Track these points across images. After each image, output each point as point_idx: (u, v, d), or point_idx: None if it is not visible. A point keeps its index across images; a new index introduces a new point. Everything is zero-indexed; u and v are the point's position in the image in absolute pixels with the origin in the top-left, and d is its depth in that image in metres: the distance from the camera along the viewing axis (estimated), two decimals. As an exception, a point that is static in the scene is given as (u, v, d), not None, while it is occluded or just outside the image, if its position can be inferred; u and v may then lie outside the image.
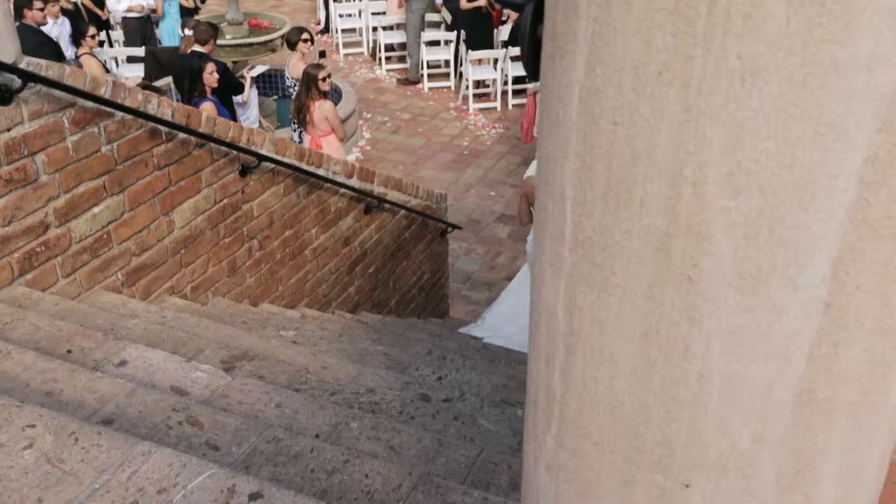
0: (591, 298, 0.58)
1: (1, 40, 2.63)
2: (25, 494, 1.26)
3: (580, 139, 0.55)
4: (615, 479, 0.61)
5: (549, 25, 0.57)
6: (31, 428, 1.40)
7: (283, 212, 4.25)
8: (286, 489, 1.30)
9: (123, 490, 1.28)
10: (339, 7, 12.35)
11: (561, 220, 0.59)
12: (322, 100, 6.70)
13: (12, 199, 2.77)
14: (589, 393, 0.60)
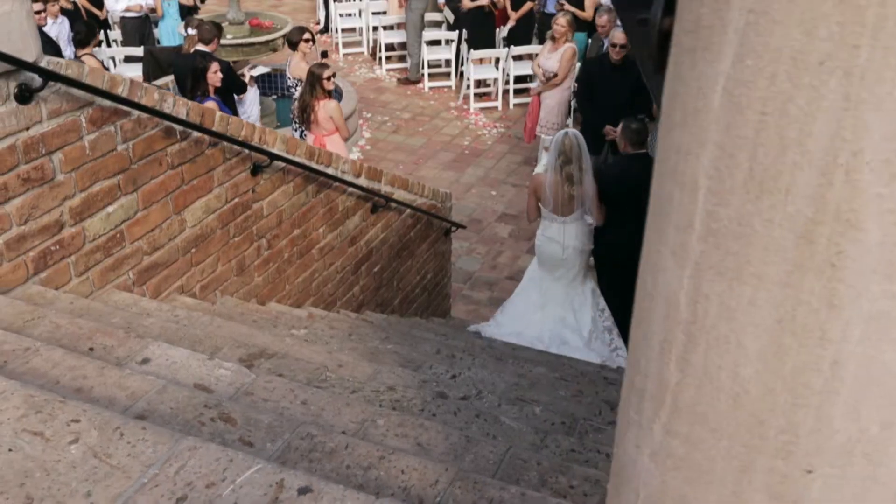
0: (720, 287, 0.59)
1: (23, 39, 2.63)
2: (74, 488, 1.27)
3: (721, 129, 0.56)
4: (731, 465, 0.62)
5: (689, 18, 0.59)
6: (76, 423, 1.40)
7: (291, 211, 4.25)
8: (335, 483, 1.31)
9: (172, 484, 1.29)
10: (340, 6, 12.35)
11: (690, 209, 0.60)
12: (327, 99, 6.71)
13: (29, 197, 2.77)
14: (710, 380, 0.62)
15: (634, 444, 0.74)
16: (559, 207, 5.26)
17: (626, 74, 7.57)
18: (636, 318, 0.75)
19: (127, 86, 3.08)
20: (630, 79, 7.58)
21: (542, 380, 3.65)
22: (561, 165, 5.16)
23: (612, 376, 4.47)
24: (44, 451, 1.34)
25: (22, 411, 1.42)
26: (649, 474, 0.72)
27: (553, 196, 5.22)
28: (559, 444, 2.27)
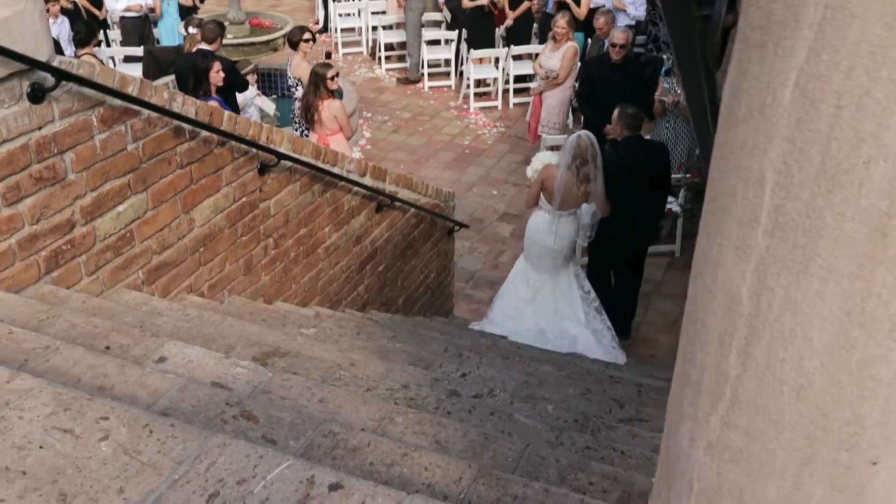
0: (786, 280, 0.60)
1: (36, 39, 2.63)
2: (107, 485, 1.27)
3: (792, 124, 0.57)
4: (793, 457, 0.63)
5: (758, 14, 0.59)
6: (105, 420, 1.41)
7: (298, 210, 4.26)
8: (364, 479, 1.32)
9: (203, 481, 1.29)
10: (339, 6, 12.34)
11: (756, 203, 0.61)
12: (330, 99, 6.71)
13: (41, 197, 2.77)
14: (772, 373, 0.63)
15: (689, 437, 0.75)
16: (564, 204, 5.44)
17: (627, 74, 7.59)
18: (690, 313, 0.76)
19: (137, 85, 3.08)
20: (630, 78, 7.60)
21: (549, 378, 3.66)
22: (579, 166, 5.31)
23: (618, 375, 4.48)
24: (74, 449, 1.34)
25: (51, 409, 1.42)
26: (705, 467, 0.73)
27: (562, 193, 5.38)
28: (574, 441, 2.28)
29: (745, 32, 0.62)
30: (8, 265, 2.70)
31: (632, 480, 1.88)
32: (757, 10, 0.60)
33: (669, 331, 6.56)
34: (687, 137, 7.41)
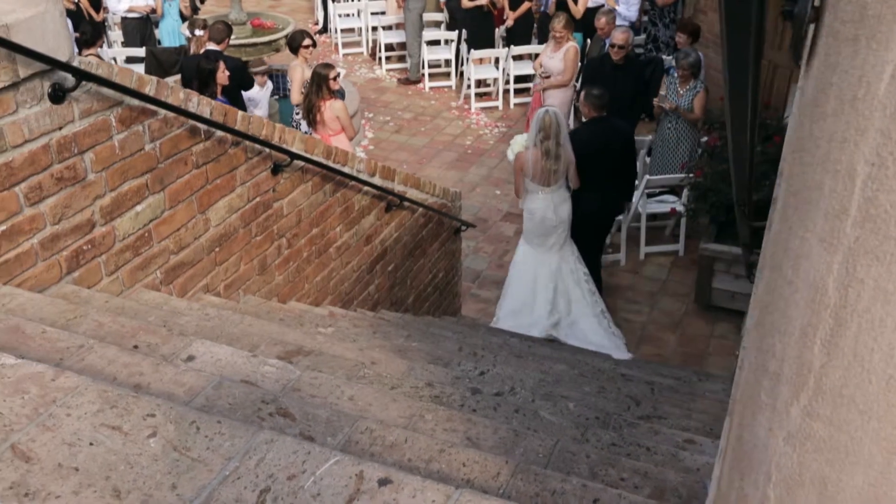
0: (877, 271, 0.61)
1: (57, 39, 2.64)
2: (159, 480, 1.28)
3: (887, 116, 0.58)
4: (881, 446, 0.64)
5: (849, 8, 0.61)
6: (152, 417, 1.42)
7: (310, 210, 4.27)
8: (412, 474, 1.33)
9: (254, 476, 1.30)
10: (338, 7, 12.35)
11: (845, 196, 0.62)
12: (332, 99, 6.72)
13: (62, 197, 2.78)
14: (860, 363, 0.64)
15: (766, 427, 0.76)
16: (541, 177, 5.83)
17: (628, 74, 7.61)
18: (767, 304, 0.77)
19: (154, 85, 3.09)
20: (631, 79, 7.62)
21: (564, 376, 3.68)
22: (541, 140, 5.73)
23: (629, 373, 4.50)
24: (124, 445, 1.35)
25: (97, 406, 1.44)
26: (785, 457, 0.74)
27: (534, 168, 5.80)
28: (599, 438, 2.29)
29: (834, 27, 0.63)
30: (31, 265, 2.71)
31: (663, 476, 1.90)
32: (849, 4, 0.61)
33: (674, 329, 6.59)
34: (689, 138, 7.43)
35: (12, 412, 1.41)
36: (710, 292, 6.55)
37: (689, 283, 7.08)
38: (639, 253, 7.50)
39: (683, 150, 7.47)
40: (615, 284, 7.20)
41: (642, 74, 7.82)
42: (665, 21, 10.12)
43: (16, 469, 1.28)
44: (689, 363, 6.08)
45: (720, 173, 6.45)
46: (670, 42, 10.20)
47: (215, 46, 7.51)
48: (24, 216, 2.65)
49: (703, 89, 7.34)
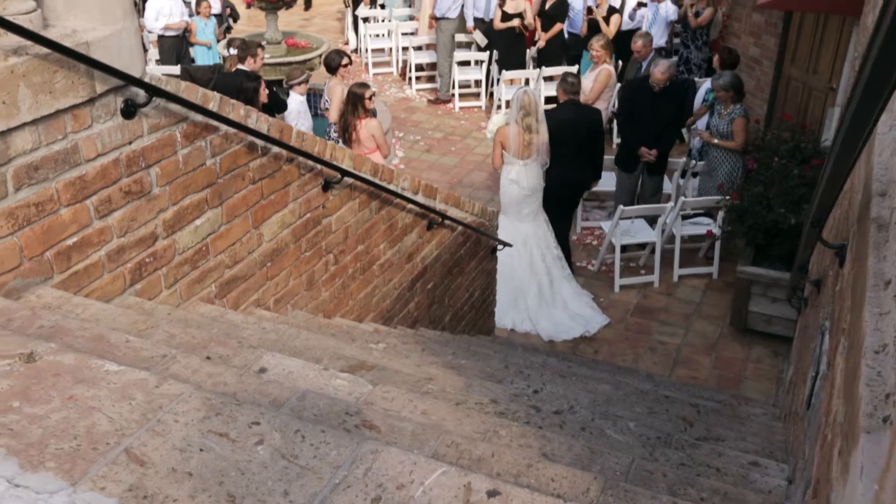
0: None
1: (131, 56, 2.69)
2: (271, 487, 1.30)
3: None
4: None
5: None
6: (257, 425, 1.44)
7: (357, 227, 4.30)
8: (520, 487, 1.34)
9: (363, 485, 1.32)
10: (369, 27, 12.47)
11: None
12: (368, 118, 6.79)
13: (129, 210, 2.83)
14: None
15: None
16: (519, 151, 6.61)
17: (666, 99, 7.60)
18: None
19: (217, 101, 3.14)
20: (669, 103, 7.61)
21: (612, 397, 3.67)
22: (522, 117, 6.50)
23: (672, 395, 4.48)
24: (233, 452, 1.37)
25: (203, 413, 1.46)
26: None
27: (514, 141, 6.58)
28: (668, 457, 2.29)
29: None
30: (97, 276, 2.75)
31: (743, 497, 1.90)
32: None
33: (709, 352, 6.56)
34: (727, 160, 7.43)
35: (122, 417, 1.43)
36: (746, 316, 6.51)
37: (724, 305, 7.05)
38: (672, 275, 7.48)
39: (722, 173, 7.46)
40: (648, 306, 7.19)
41: (680, 99, 7.81)
42: (697, 44, 10.15)
43: (132, 472, 1.30)
44: (724, 387, 6.04)
45: (757, 196, 6.44)
46: (702, 65, 10.23)
47: (243, 66, 7.60)
48: (93, 228, 2.69)
49: (742, 115, 7.32)
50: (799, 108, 8.88)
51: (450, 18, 11.26)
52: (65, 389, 1.50)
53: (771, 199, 6.35)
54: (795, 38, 9.04)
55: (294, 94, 7.77)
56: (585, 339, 6.70)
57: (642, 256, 7.76)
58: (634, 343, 6.66)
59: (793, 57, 9.14)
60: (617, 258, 7.34)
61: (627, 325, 6.92)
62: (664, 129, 7.48)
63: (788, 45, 9.16)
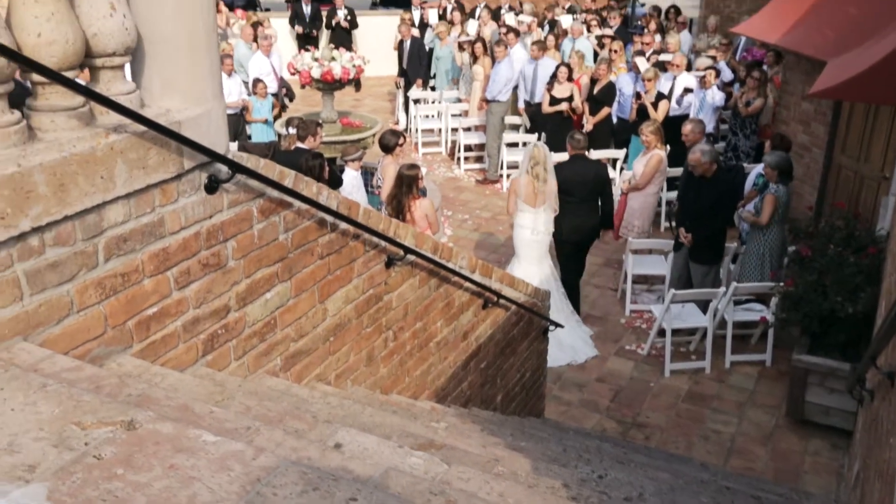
0: None
1: (217, 134, 2.81)
2: (374, 568, 1.30)
3: None
4: None
5: None
6: (354, 501, 1.44)
7: (416, 304, 4.34)
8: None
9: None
10: (420, 108, 12.78)
11: None
12: (421, 198, 6.91)
13: (205, 282, 2.90)
14: None
15: None
16: (530, 199, 7.36)
17: (708, 185, 7.58)
18: None
19: (292, 178, 3.24)
20: (711, 190, 7.58)
21: (674, 485, 3.59)
22: (532, 167, 7.29)
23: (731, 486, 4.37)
24: (333, 529, 1.38)
25: (301, 487, 1.47)
26: None
27: (525, 190, 7.35)
28: (748, 551, 2.23)
29: None
30: (173, 346, 2.80)
31: None
32: None
33: (765, 443, 6.38)
34: (754, 237, 7.42)
35: (222, 488, 1.45)
36: (803, 406, 6.36)
37: (779, 394, 6.90)
38: (724, 361, 7.36)
39: (775, 259, 7.43)
40: (700, 392, 7.06)
41: (727, 185, 7.80)
42: (746, 132, 10.22)
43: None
44: (782, 479, 5.86)
45: (812, 283, 6.37)
46: (751, 152, 10.27)
47: (301, 144, 7.82)
48: (172, 299, 2.76)
49: (772, 194, 7.33)
50: (850, 195, 8.83)
51: (500, 101, 11.51)
52: (165, 458, 1.52)
53: (827, 286, 6.27)
54: (846, 127, 9.07)
55: (349, 169, 7.95)
56: (637, 425, 6.58)
57: (693, 341, 7.66)
58: (687, 431, 6.52)
59: (843, 145, 9.15)
60: (667, 342, 7.26)
61: (679, 412, 6.79)
62: (704, 213, 7.49)
63: (838, 134, 9.18)
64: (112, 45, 2.40)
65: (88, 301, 2.42)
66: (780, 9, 10.15)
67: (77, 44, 2.26)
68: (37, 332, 2.25)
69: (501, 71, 11.52)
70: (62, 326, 2.33)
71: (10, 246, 2.11)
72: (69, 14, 2.25)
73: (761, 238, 7.49)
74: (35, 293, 2.22)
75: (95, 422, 1.58)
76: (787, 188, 7.51)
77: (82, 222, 2.34)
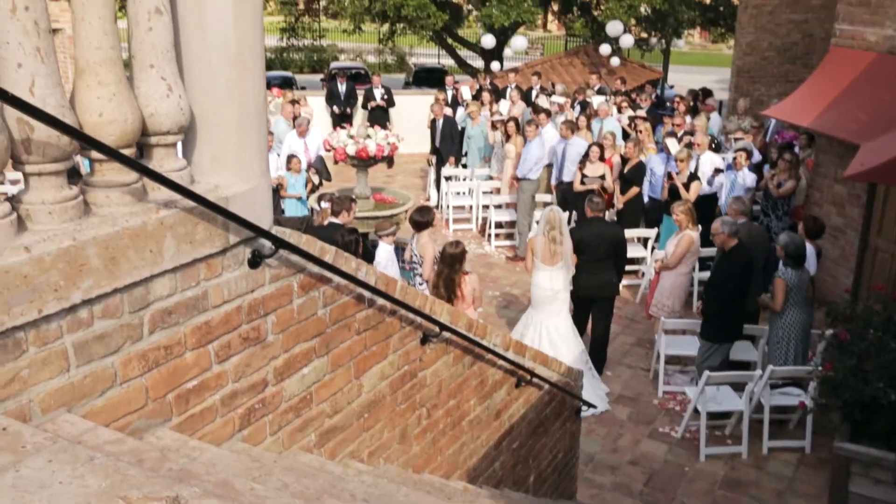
0: None
1: (262, 210, 2.86)
2: None
3: None
4: None
5: None
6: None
7: (450, 381, 4.31)
8: None
9: None
10: (452, 185, 12.94)
11: None
12: (468, 274, 6.95)
13: (244, 356, 2.90)
14: None
15: None
16: (546, 258, 7.91)
17: (726, 260, 7.51)
18: None
19: (332, 254, 3.27)
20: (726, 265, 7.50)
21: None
22: (548, 230, 7.88)
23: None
24: None
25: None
26: None
27: (542, 250, 7.93)
28: None
29: None
30: (211, 420, 2.79)
31: None
32: None
33: (806, 533, 6.16)
34: (801, 330, 7.31)
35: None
36: (846, 497, 6.14)
37: (819, 483, 6.68)
38: (762, 447, 7.17)
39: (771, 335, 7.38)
40: (737, 479, 6.86)
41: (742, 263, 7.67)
42: (778, 213, 10.19)
43: None
44: (826, 573, 5.63)
45: (851, 368, 6.23)
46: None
47: (336, 219, 7.92)
48: (212, 373, 2.76)
49: (780, 277, 7.27)
50: (888, 278, 8.72)
51: (531, 179, 11.62)
52: (211, 536, 1.50)
53: (867, 372, 6.13)
54: (881, 209, 9.02)
55: (383, 244, 8.02)
56: (672, 511, 6.39)
57: (728, 425, 7.49)
58: (724, 518, 6.32)
59: (879, 227, 9.08)
60: (702, 425, 7.10)
61: (715, 499, 6.59)
62: (714, 286, 7.45)
63: (874, 216, 9.13)
64: (167, 124, 2.48)
65: (131, 373, 2.43)
66: (812, 92, 10.24)
67: (135, 123, 2.34)
68: (80, 404, 2.26)
69: (533, 150, 11.68)
70: (105, 398, 2.35)
71: (60, 317, 2.14)
72: (129, 95, 2.34)
73: (779, 322, 7.39)
74: (81, 365, 2.24)
75: (142, 497, 1.57)
76: (799, 272, 7.40)
77: (130, 295, 2.38)
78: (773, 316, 7.44)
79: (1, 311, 1.96)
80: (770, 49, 15.82)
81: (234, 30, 2.69)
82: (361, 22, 21.78)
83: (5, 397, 2.04)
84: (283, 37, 25.69)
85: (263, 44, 2.92)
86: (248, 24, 2.73)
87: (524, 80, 17.65)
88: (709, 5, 25.07)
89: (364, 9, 20.76)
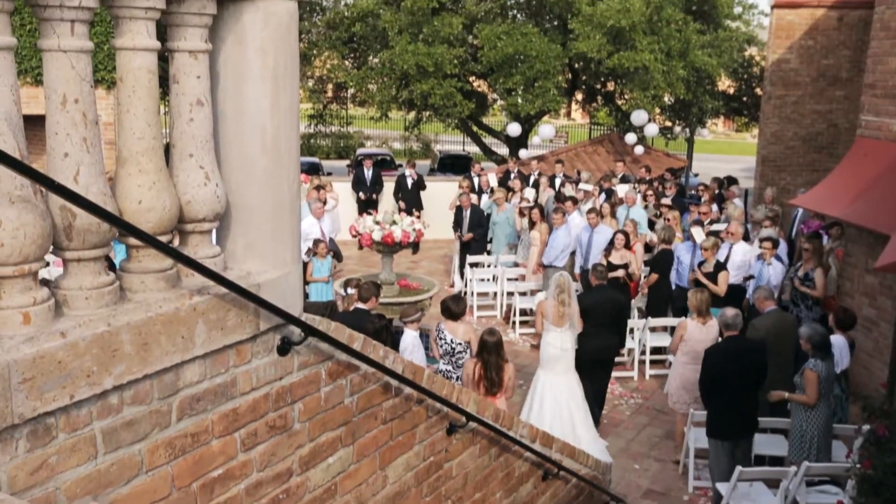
0: None
1: (293, 297, 2.87)
2: None
3: None
4: None
5: None
6: None
7: (476, 473, 4.21)
8: None
9: None
10: (476, 271, 12.94)
11: None
12: (507, 363, 6.91)
13: (271, 444, 2.87)
14: None
15: None
16: (555, 320, 8.34)
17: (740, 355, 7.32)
18: None
19: (360, 342, 3.26)
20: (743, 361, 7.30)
21: None
22: (557, 294, 8.34)
23: None
24: None
25: None
26: None
27: (552, 313, 8.37)
28: None
29: None
30: (234, 511, 2.74)
31: None
32: None
33: None
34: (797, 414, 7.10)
35: None
36: None
37: (860, 589, 6.35)
38: (799, 547, 6.88)
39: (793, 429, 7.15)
40: (773, 581, 6.55)
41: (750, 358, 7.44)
42: (808, 303, 10.04)
43: None
44: None
45: (892, 466, 6.01)
46: (814, 323, 10.04)
47: (362, 305, 7.92)
48: (237, 461, 2.73)
49: (811, 370, 7.00)
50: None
51: (556, 266, 11.60)
52: None
53: (908, 470, 5.91)
54: (914, 301, 8.87)
55: (408, 330, 7.98)
56: None
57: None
58: None
59: (912, 320, 8.91)
60: (736, 523, 6.84)
61: None
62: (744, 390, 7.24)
63: (907, 308, 8.98)
64: (203, 211, 2.52)
65: (158, 461, 2.40)
66: (839, 182, 10.24)
67: (173, 210, 2.37)
68: (106, 492, 2.23)
69: (559, 237, 11.69)
70: (130, 486, 2.31)
71: (91, 403, 2.14)
72: (168, 183, 2.39)
73: (804, 415, 7.13)
74: (109, 452, 2.22)
75: None
76: (827, 363, 7.21)
77: (160, 381, 2.37)
78: (798, 410, 7.21)
79: (34, 396, 1.95)
80: (795, 139, 15.90)
81: (271, 120, 2.76)
82: (389, 110, 22.23)
83: (32, 485, 2.01)
84: (311, 123, 26.26)
85: (298, 134, 2.98)
86: (286, 114, 2.80)
87: (548, 168, 17.83)
88: (732, 95, 25.38)
89: (392, 97, 21.21)
